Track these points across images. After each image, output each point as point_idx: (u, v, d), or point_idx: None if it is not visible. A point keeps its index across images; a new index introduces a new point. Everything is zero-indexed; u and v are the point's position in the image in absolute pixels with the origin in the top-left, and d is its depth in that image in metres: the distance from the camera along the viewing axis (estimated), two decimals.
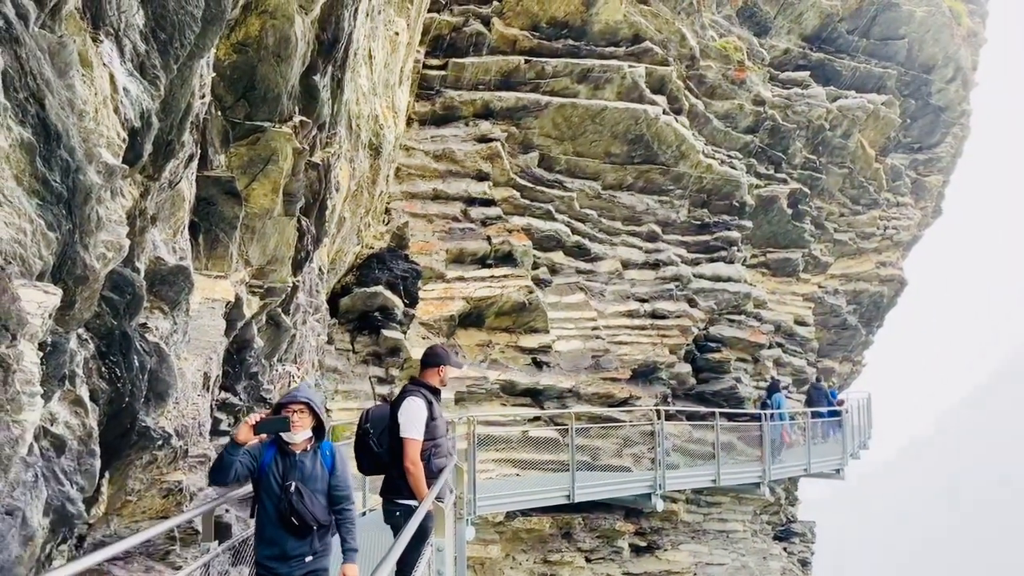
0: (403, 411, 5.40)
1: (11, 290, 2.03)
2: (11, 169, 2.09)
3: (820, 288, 22.93)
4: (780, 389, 18.55)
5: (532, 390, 15.64)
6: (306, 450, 4.68)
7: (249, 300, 6.37)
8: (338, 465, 4.72)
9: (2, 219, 2.04)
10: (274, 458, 4.67)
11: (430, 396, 5.57)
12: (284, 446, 4.68)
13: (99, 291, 2.86)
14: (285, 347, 8.02)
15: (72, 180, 2.34)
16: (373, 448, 5.55)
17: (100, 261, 2.74)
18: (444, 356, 5.75)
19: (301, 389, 4.80)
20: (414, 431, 5.36)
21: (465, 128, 15.90)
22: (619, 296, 17.63)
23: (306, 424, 4.64)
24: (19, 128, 2.08)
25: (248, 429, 4.46)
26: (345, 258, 12.45)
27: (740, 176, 19.18)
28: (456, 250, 15.01)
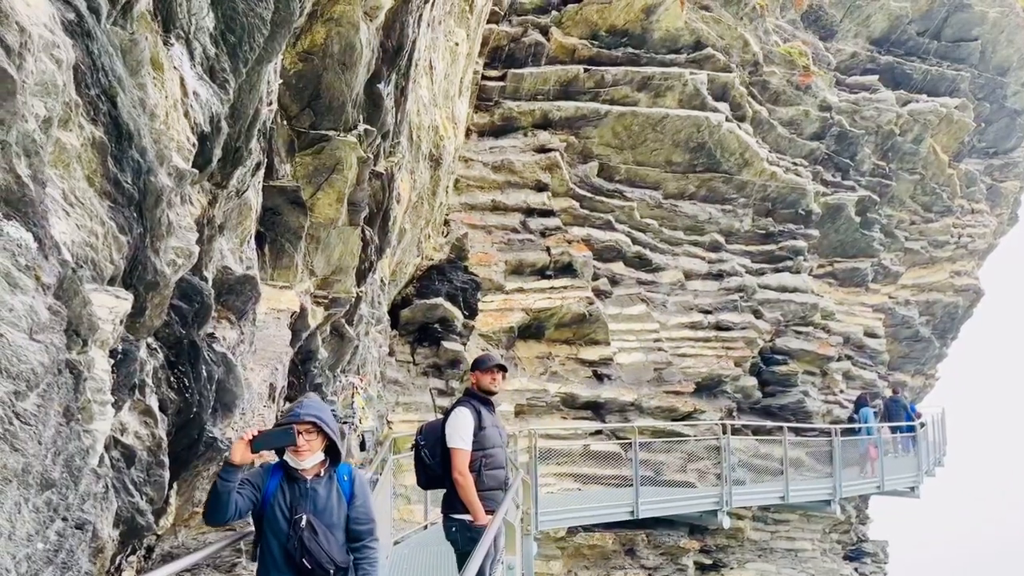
0: (450, 422, 5.34)
1: (82, 293, 1.96)
2: (83, 169, 2.03)
3: (891, 299, 22.14)
4: (868, 403, 17.96)
5: (593, 403, 15.39)
6: (319, 475, 3.75)
7: (314, 310, 6.34)
8: (358, 492, 3.80)
9: (74, 221, 1.97)
10: (280, 486, 3.71)
11: (479, 406, 5.44)
12: (292, 471, 3.73)
13: (169, 298, 2.81)
14: (348, 358, 7.98)
15: (143, 182, 2.27)
16: (426, 461, 5.44)
17: (170, 267, 2.68)
18: (482, 359, 5.65)
19: (305, 405, 3.81)
20: (459, 441, 5.25)
21: (524, 139, 15.82)
22: (682, 307, 17.27)
23: (315, 448, 3.74)
24: (91, 127, 2.02)
25: (244, 446, 3.54)
26: (405, 270, 12.44)
27: (806, 184, 18.66)
28: (515, 261, 14.89)
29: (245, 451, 3.54)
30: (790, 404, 18.21)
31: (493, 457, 5.33)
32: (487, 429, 5.33)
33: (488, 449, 5.31)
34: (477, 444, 5.25)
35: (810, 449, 17.80)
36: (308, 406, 3.76)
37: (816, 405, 18.59)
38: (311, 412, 3.75)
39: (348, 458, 7.93)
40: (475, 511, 5.08)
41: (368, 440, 8.56)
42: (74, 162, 1.97)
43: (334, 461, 3.83)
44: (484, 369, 5.46)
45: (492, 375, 5.45)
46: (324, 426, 3.73)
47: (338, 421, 7.72)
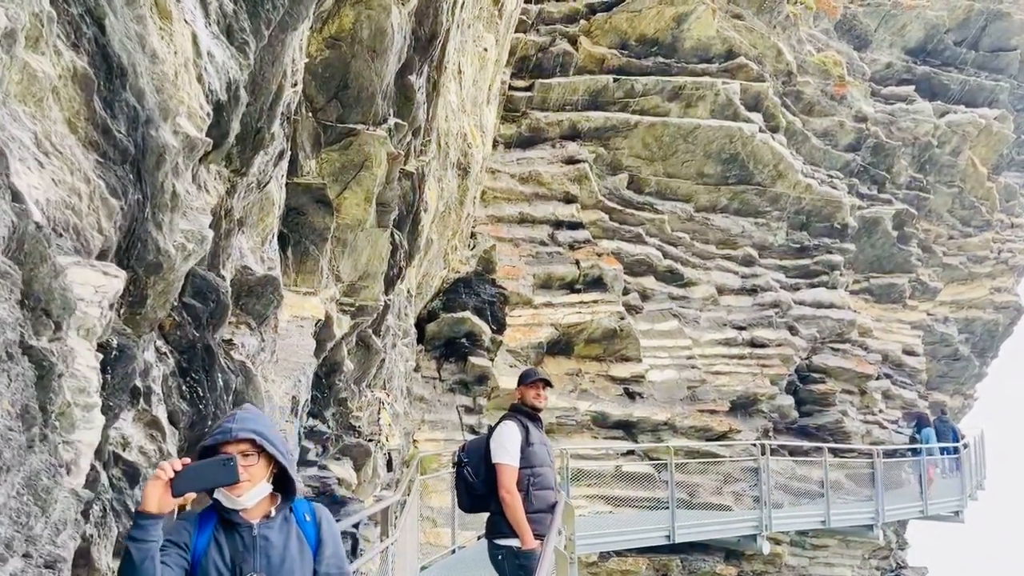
0: (495, 437, 4.98)
1: (52, 260, 1.53)
2: (61, 109, 1.61)
3: (929, 316, 21.42)
4: (930, 423, 17.32)
5: (624, 422, 14.86)
6: (268, 517, 2.57)
7: (339, 319, 5.93)
8: (326, 536, 2.70)
9: (49, 174, 1.55)
10: (213, 538, 2.53)
11: (526, 421, 5.05)
12: (229, 515, 2.54)
13: (176, 287, 2.39)
14: (374, 371, 7.56)
15: (141, 135, 1.87)
16: (468, 478, 5.01)
17: (178, 251, 2.28)
18: (526, 373, 5.28)
19: (239, 417, 2.57)
20: (505, 456, 4.86)
21: (551, 150, 15.43)
22: (715, 323, 16.72)
23: (257, 477, 2.52)
24: (71, 54, 1.61)
25: (163, 489, 2.31)
26: (432, 282, 12.04)
27: (841, 197, 18.09)
28: (544, 275, 14.45)
29: (164, 495, 2.29)
30: (828, 424, 17.54)
31: (542, 476, 4.90)
32: (535, 446, 4.92)
33: (536, 467, 4.87)
34: (524, 461, 4.84)
35: (849, 471, 17.12)
36: (242, 419, 2.53)
37: (855, 425, 17.90)
38: (247, 427, 2.49)
39: (374, 478, 7.50)
40: (523, 533, 4.65)
41: (395, 460, 8.12)
42: (49, 97, 1.57)
43: (287, 495, 2.63)
44: (528, 383, 5.10)
45: (536, 390, 5.08)
46: (268, 445, 2.49)
47: (364, 439, 7.29)
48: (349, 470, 6.97)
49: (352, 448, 7.04)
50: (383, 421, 7.42)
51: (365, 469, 7.18)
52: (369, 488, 7.58)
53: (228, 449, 2.43)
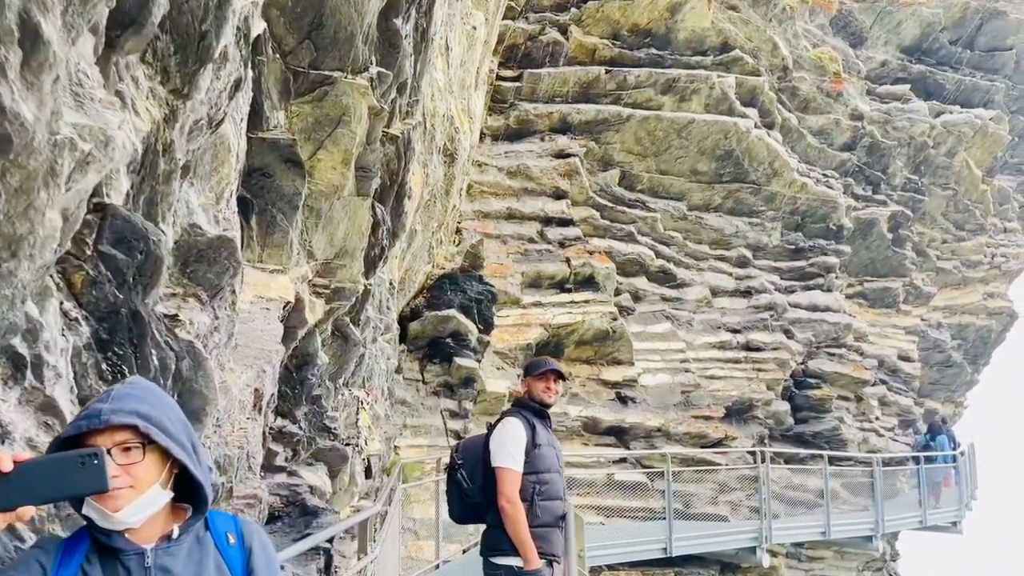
0: (496, 436, 4.19)
1: None
2: None
3: (923, 321, 20.94)
4: (943, 430, 16.83)
5: (617, 428, 14.15)
6: (168, 538, 1.69)
7: (312, 303, 5.17)
8: (260, 563, 1.80)
9: None
10: (82, 572, 1.63)
11: (533, 419, 4.25)
12: (106, 538, 1.64)
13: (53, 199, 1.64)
14: (353, 367, 6.80)
15: None
16: (463, 483, 4.23)
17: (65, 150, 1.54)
18: (535, 363, 4.44)
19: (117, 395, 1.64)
20: (508, 459, 4.08)
21: (541, 143, 14.76)
22: (708, 326, 16.08)
23: (144, 480, 1.62)
24: None
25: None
26: (415, 277, 11.29)
27: (837, 196, 17.57)
28: (533, 273, 13.75)
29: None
30: (825, 431, 16.94)
31: (549, 484, 4.13)
32: (542, 448, 4.13)
33: (543, 473, 4.11)
34: (529, 466, 4.07)
35: (845, 480, 16.53)
36: (122, 396, 1.63)
37: (852, 432, 17.32)
38: (127, 407, 1.60)
39: (351, 486, 6.73)
40: (526, 552, 3.93)
41: (375, 466, 7.34)
42: None
43: (198, 509, 1.74)
44: (537, 375, 4.28)
45: (546, 382, 4.27)
46: (159, 434, 1.61)
47: (340, 442, 6.51)
48: (323, 477, 6.20)
49: (327, 452, 6.27)
50: (362, 423, 6.65)
51: (341, 476, 6.41)
52: (345, 497, 6.80)
53: (96, 441, 1.55)
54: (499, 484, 4.03)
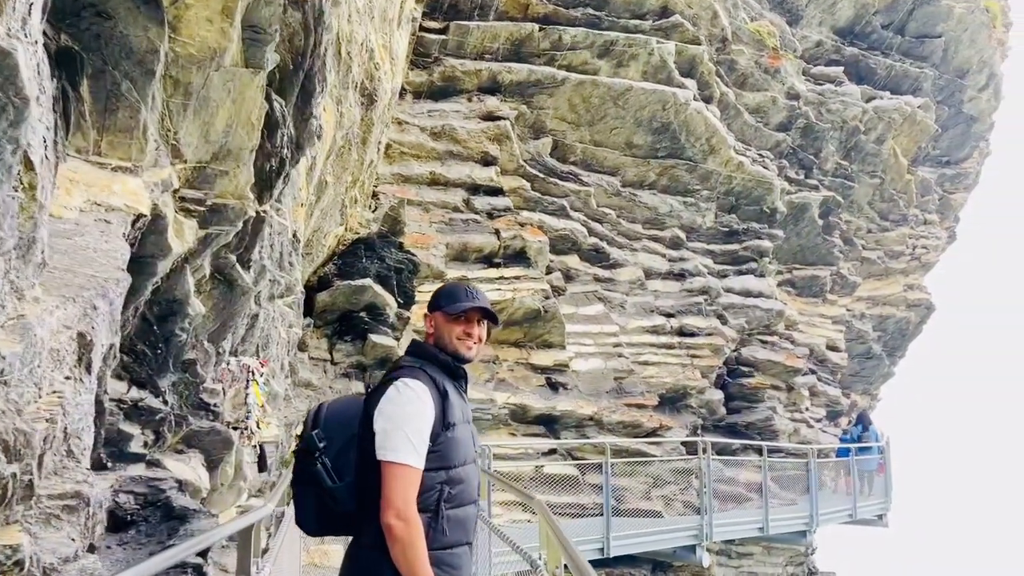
0: (385, 407, 2.49)
1: None
2: None
3: (848, 311, 20.62)
4: (871, 421, 16.36)
5: (547, 417, 12.95)
6: None
7: (179, 223, 3.69)
8: None
9: None
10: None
11: (443, 380, 2.61)
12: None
13: None
14: (243, 330, 5.31)
15: None
16: (325, 481, 2.50)
17: None
18: (450, 291, 2.75)
19: None
20: (403, 448, 2.44)
21: (468, 104, 13.40)
22: (642, 309, 15.08)
23: None
24: None
25: None
26: (324, 240, 9.77)
27: (773, 178, 16.87)
28: (458, 245, 12.38)
29: None
30: (757, 422, 16.22)
31: (464, 485, 2.59)
32: (457, 428, 2.56)
33: (456, 468, 2.55)
34: (437, 457, 2.50)
35: (776, 473, 15.84)
36: None
37: (784, 423, 16.67)
38: None
39: (237, 480, 5.26)
40: None
41: (270, 456, 5.84)
42: None
43: None
44: (453, 314, 2.66)
45: (468, 326, 2.68)
46: None
47: (223, 424, 5.04)
48: (198, 469, 4.70)
49: (204, 437, 4.78)
50: (253, 401, 5.16)
51: (224, 468, 4.92)
52: (230, 495, 5.30)
53: None
54: (386, 490, 2.41)
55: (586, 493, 12.60)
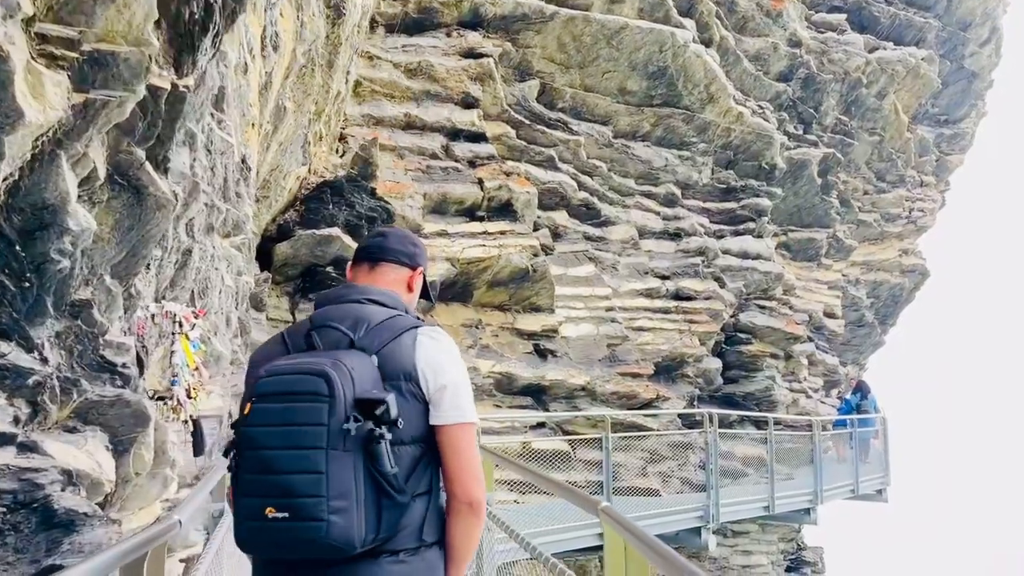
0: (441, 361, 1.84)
1: None
2: None
3: (843, 276, 19.65)
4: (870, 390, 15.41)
5: (535, 387, 11.74)
6: None
7: (35, 73, 2.33)
8: None
9: None
10: None
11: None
12: None
13: None
14: (172, 265, 3.98)
15: None
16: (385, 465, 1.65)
17: None
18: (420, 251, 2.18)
19: None
20: (473, 407, 1.91)
21: (447, 39, 11.99)
22: (635, 271, 13.88)
23: None
24: None
25: None
26: (284, 181, 8.36)
27: (772, 131, 15.71)
28: (437, 195, 11.03)
29: None
30: (756, 392, 15.18)
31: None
32: None
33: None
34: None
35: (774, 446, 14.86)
36: None
37: (783, 394, 15.66)
38: None
39: (160, 468, 3.97)
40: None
41: (208, 434, 4.53)
42: None
43: None
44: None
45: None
46: None
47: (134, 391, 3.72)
48: (98, 454, 3.40)
49: (107, 410, 3.47)
50: (181, 361, 3.83)
51: (138, 452, 3.62)
52: (153, 487, 3.99)
53: None
54: (470, 458, 1.83)
55: (578, 470, 11.46)
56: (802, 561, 20.75)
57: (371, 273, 2.02)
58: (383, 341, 1.76)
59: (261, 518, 1.55)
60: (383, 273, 2.01)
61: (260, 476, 1.56)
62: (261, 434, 1.57)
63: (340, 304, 1.87)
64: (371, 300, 1.89)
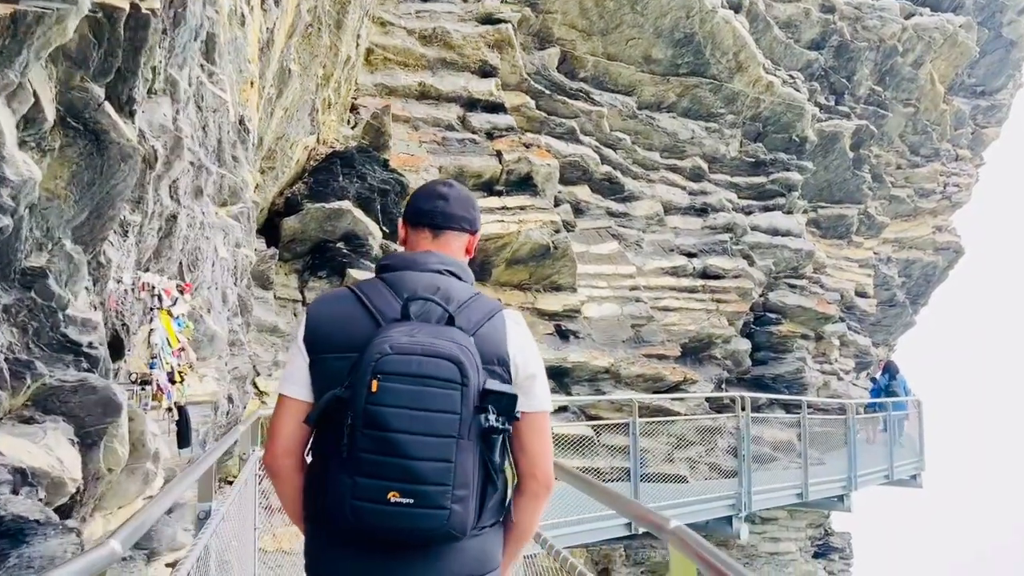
0: (528, 347, 1.78)
1: None
2: None
3: (875, 254, 18.94)
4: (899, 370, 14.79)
5: (557, 370, 11.22)
6: None
7: None
8: None
9: None
10: None
11: None
12: None
13: None
14: (154, 233, 3.48)
15: None
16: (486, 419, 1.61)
17: None
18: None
19: None
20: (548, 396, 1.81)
21: (463, 4, 11.41)
22: (660, 248, 13.30)
23: None
24: None
25: None
26: (291, 152, 7.86)
27: (804, 101, 15.00)
28: (453, 168, 10.49)
29: None
30: (786, 374, 14.58)
31: None
32: None
33: None
34: None
35: (800, 430, 14.29)
36: None
37: (814, 376, 15.05)
38: None
39: (140, 463, 3.51)
40: None
41: (201, 422, 4.04)
42: None
43: None
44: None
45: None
46: None
47: (103, 375, 3.25)
48: (60, 448, 2.92)
49: (71, 397, 2.99)
50: (162, 340, 3.33)
51: (110, 446, 3.13)
52: (132, 484, 3.53)
53: None
54: (548, 442, 1.79)
55: (602, 456, 10.97)
56: (830, 547, 20.23)
57: (435, 241, 1.87)
58: (478, 322, 1.70)
59: (382, 501, 1.52)
60: (448, 242, 1.88)
61: (385, 458, 1.52)
62: (392, 415, 1.52)
63: (421, 272, 1.77)
64: (451, 272, 1.79)
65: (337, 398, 1.57)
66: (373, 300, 1.72)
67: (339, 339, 1.66)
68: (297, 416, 1.69)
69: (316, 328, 1.72)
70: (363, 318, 1.68)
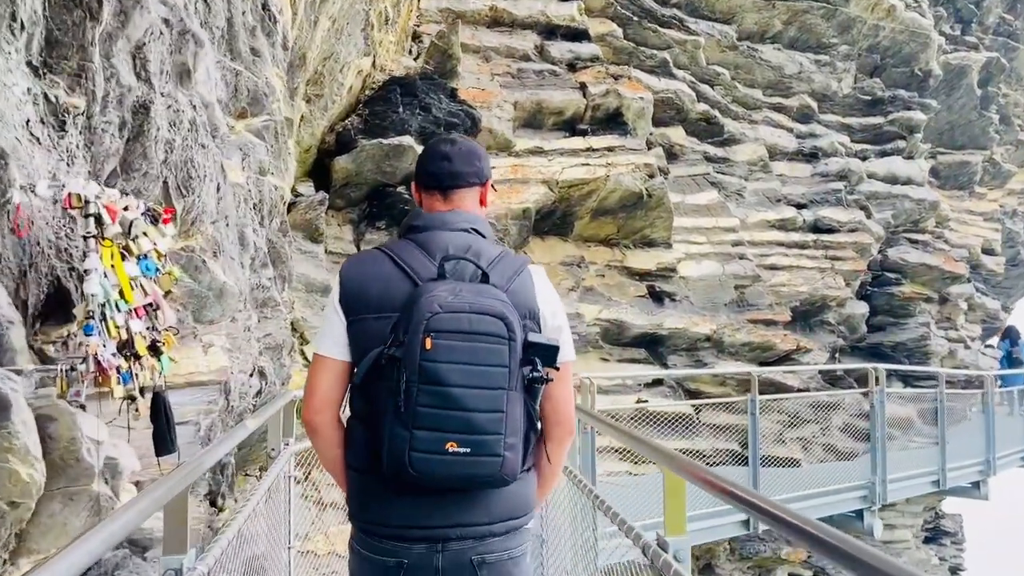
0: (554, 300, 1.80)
1: None
2: None
3: (999, 207, 16.79)
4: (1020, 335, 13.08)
5: (649, 337, 9.76)
6: None
7: None
8: None
9: None
10: None
11: None
12: None
13: None
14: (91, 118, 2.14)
15: None
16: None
17: None
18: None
19: None
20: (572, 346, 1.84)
21: None
22: (765, 198, 11.64)
23: None
24: None
25: None
26: (343, 76, 6.53)
27: (930, 29, 13.00)
28: (530, 104, 9.05)
29: None
30: (908, 342, 12.79)
31: None
32: None
33: None
34: None
35: (922, 405, 12.56)
36: None
37: (939, 344, 13.21)
38: None
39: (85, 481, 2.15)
40: None
41: (197, 413, 2.72)
42: None
43: None
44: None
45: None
46: None
47: None
48: None
49: None
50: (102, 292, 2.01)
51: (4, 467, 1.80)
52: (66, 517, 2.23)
53: None
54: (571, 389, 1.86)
55: (703, 437, 9.53)
56: (940, 531, 18.50)
57: (447, 202, 1.85)
58: (509, 278, 1.74)
59: (441, 452, 1.59)
60: (460, 200, 1.86)
61: (443, 411, 1.59)
62: (448, 371, 1.57)
63: (451, 231, 1.78)
64: (475, 230, 1.80)
65: (388, 356, 1.59)
66: (407, 260, 1.71)
67: (377, 300, 1.68)
68: (335, 374, 1.71)
69: (352, 290, 1.72)
70: (399, 278, 1.69)
